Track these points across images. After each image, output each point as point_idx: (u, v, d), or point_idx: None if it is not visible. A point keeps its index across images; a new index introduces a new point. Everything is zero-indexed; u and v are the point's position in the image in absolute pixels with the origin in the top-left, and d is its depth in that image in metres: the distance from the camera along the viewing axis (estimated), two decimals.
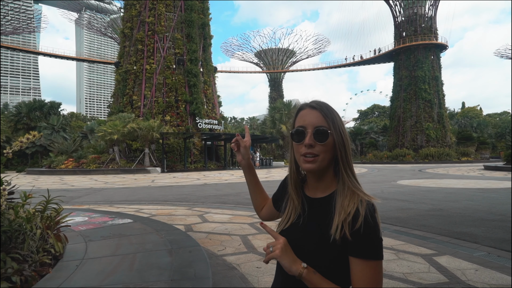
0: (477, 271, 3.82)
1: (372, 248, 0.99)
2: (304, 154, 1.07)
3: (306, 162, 1.07)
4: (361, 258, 0.99)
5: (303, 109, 1.13)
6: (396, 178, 18.22)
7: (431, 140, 47.72)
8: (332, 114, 1.09)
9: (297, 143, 1.10)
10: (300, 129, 1.09)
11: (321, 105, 1.10)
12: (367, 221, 0.99)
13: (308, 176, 1.16)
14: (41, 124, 41.68)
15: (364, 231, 0.98)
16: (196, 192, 12.95)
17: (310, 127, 1.07)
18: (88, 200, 10.92)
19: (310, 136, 1.06)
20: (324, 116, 1.08)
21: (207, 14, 36.61)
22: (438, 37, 50.95)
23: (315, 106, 1.10)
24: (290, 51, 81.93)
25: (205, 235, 5.68)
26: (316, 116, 1.08)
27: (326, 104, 1.12)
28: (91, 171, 25.48)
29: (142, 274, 3.30)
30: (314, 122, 1.07)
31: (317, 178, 1.13)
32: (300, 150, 1.08)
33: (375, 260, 0.99)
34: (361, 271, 0.99)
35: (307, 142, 1.06)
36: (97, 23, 78.95)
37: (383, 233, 5.62)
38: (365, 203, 1.03)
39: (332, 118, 1.08)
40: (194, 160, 31.25)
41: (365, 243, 0.99)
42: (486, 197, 10.32)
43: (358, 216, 1.00)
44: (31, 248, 3.33)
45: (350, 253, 1.01)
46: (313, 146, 1.06)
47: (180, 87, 32.58)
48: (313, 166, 1.07)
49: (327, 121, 1.07)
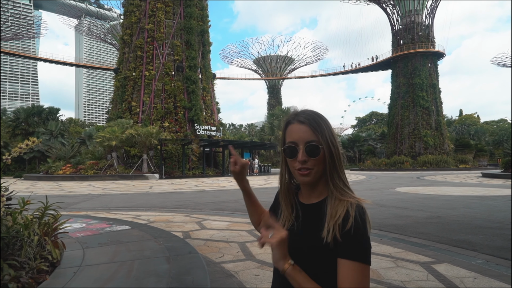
0: (475, 279, 3.82)
1: (360, 250, 1.01)
2: (297, 168, 1.11)
3: (301, 175, 1.11)
4: (349, 259, 1.01)
5: (292, 123, 1.15)
6: (394, 185, 18.22)
7: (429, 147, 47.84)
8: (320, 127, 1.11)
9: (290, 158, 1.13)
10: (292, 146, 1.11)
11: (309, 119, 1.12)
12: (356, 223, 1.02)
13: (302, 185, 1.20)
14: (39, 130, 41.59)
15: (354, 232, 1.01)
16: (194, 198, 12.91)
17: (301, 143, 1.10)
18: (86, 206, 10.87)
19: (303, 152, 1.09)
20: (313, 131, 1.10)
21: (206, 21, 36.84)
22: (435, 45, 51.37)
23: (303, 121, 1.12)
24: (288, 58, 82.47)
25: (203, 242, 5.65)
26: (305, 131, 1.10)
27: (314, 115, 1.13)
28: (89, 177, 25.38)
29: (140, 281, 3.29)
30: (304, 138, 1.09)
31: (311, 187, 1.16)
32: (294, 165, 1.12)
33: (362, 263, 1.00)
34: (347, 273, 1.00)
35: (301, 158, 1.09)
36: (97, 29, 79.29)
37: (381, 240, 5.64)
38: (355, 205, 1.05)
39: (321, 131, 1.10)
40: (192, 166, 31.19)
41: (354, 244, 1.01)
42: (484, 204, 10.33)
43: (348, 218, 1.02)
44: (29, 255, 3.31)
45: (339, 255, 1.02)
46: (307, 161, 1.09)
47: (179, 93, 32.65)
48: (309, 179, 1.11)
49: (316, 135, 1.09)
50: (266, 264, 4.38)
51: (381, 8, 55.30)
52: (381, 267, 4.23)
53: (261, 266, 4.32)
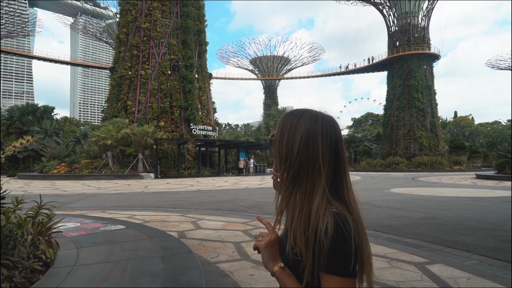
0: (469, 280, 3.85)
1: (333, 262, 0.89)
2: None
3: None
4: (323, 272, 0.90)
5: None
6: (389, 186, 18.30)
7: (424, 149, 48.12)
8: (286, 122, 1.01)
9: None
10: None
11: (284, 114, 1.05)
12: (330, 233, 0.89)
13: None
14: (34, 129, 41.28)
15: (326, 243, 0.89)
16: (190, 198, 12.88)
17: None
18: (80, 205, 10.81)
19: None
20: (278, 124, 1.04)
21: (203, 21, 36.75)
22: (431, 47, 51.70)
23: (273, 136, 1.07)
24: (285, 59, 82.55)
25: (198, 242, 5.64)
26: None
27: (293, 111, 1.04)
28: (84, 176, 25.24)
29: (134, 281, 3.27)
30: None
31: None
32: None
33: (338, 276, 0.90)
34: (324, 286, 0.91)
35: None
36: (93, 28, 78.80)
37: (376, 241, 5.66)
38: (329, 214, 0.92)
39: (282, 126, 1.01)
40: (188, 166, 31.11)
41: (325, 256, 0.89)
42: (478, 205, 10.40)
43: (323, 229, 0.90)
44: (22, 255, 3.29)
45: (319, 268, 0.91)
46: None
47: (175, 93, 32.55)
48: (274, 182, 1.09)
49: (277, 129, 1.04)
50: (261, 264, 4.38)
51: (378, 9, 55.54)
52: (376, 268, 4.25)
53: (256, 266, 4.32)
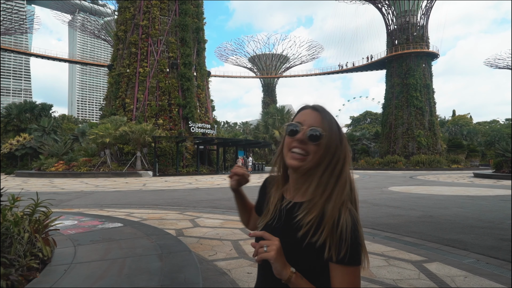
0: (466, 278, 3.85)
1: (353, 254, 0.99)
2: (293, 148, 1.08)
3: (293, 158, 1.08)
4: (341, 264, 0.99)
5: (305, 108, 1.15)
6: (388, 185, 18.33)
7: (422, 147, 48.19)
8: (331, 120, 1.10)
9: (290, 136, 1.11)
10: (297, 124, 1.10)
11: (323, 109, 1.13)
12: (350, 228, 0.99)
13: (291, 177, 1.16)
14: (32, 126, 41.15)
15: (348, 238, 0.98)
16: (188, 196, 12.88)
17: (307, 125, 1.08)
18: (78, 203, 10.79)
19: (304, 132, 1.07)
20: (322, 119, 1.09)
21: (202, 19, 36.65)
22: (429, 46, 51.68)
23: (317, 108, 1.12)
24: (283, 57, 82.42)
25: (196, 240, 5.64)
26: (315, 117, 1.10)
27: (327, 111, 1.13)
28: (82, 174, 25.20)
29: (131, 279, 3.27)
30: (312, 122, 1.09)
31: (300, 179, 1.12)
32: (291, 144, 1.09)
33: (354, 266, 1.00)
34: (341, 277, 0.99)
35: (299, 137, 1.07)
36: (91, 25, 78.49)
37: (373, 239, 5.67)
38: (347, 210, 1.03)
39: (329, 123, 1.09)
40: (186, 164, 31.10)
41: (347, 250, 0.98)
42: (476, 204, 10.43)
43: (340, 223, 1.00)
44: (18, 252, 3.27)
45: (330, 259, 1.00)
46: (305, 143, 1.07)
47: (174, 90, 32.49)
48: (299, 164, 1.07)
49: (323, 124, 1.08)
50: None
51: (377, 8, 55.48)
52: (374, 266, 4.25)
53: (254, 264, 4.31)
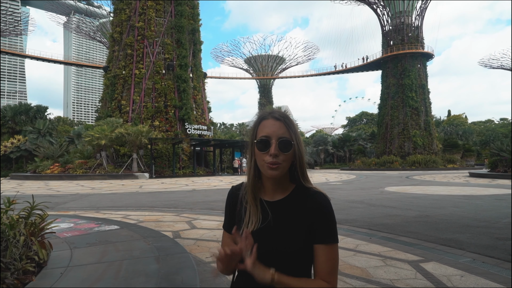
0: (462, 277, 3.87)
1: (334, 233, 1.15)
2: (268, 161, 1.14)
3: (271, 169, 1.14)
4: (327, 244, 1.13)
5: (266, 119, 1.19)
6: (384, 185, 18.39)
7: (418, 147, 48.43)
8: (294, 126, 1.18)
9: (261, 152, 1.15)
10: (265, 139, 1.15)
11: (284, 117, 1.18)
12: (327, 210, 1.15)
13: (266, 182, 1.22)
14: (27, 128, 40.94)
15: (327, 218, 1.14)
16: (185, 198, 12.85)
17: (275, 137, 1.14)
18: (74, 206, 10.73)
19: (275, 146, 1.13)
20: (287, 127, 1.16)
21: (197, 20, 36.62)
22: (424, 46, 51.99)
23: (278, 118, 1.18)
24: (280, 58, 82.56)
25: (193, 242, 5.63)
26: (279, 127, 1.15)
27: (288, 116, 1.21)
28: (78, 176, 25.06)
29: (128, 282, 3.26)
30: (279, 133, 1.14)
31: (277, 182, 1.20)
32: (265, 158, 1.14)
33: (335, 243, 1.14)
34: (328, 257, 1.11)
35: (273, 152, 1.13)
36: (86, 27, 78.15)
37: (370, 239, 5.69)
38: (322, 195, 1.17)
39: (294, 130, 1.17)
40: (182, 165, 31.02)
41: (330, 229, 1.14)
42: (471, 203, 10.49)
43: (320, 207, 1.15)
44: (14, 256, 3.25)
45: (316, 241, 1.13)
46: (278, 155, 1.13)
47: (170, 92, 32.42)
48: (277, 173, 1.14)
49: (289, 132, 1.15)
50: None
51: (372, 9, 55.75)
52: (370, 266, 4.26)
53: None
